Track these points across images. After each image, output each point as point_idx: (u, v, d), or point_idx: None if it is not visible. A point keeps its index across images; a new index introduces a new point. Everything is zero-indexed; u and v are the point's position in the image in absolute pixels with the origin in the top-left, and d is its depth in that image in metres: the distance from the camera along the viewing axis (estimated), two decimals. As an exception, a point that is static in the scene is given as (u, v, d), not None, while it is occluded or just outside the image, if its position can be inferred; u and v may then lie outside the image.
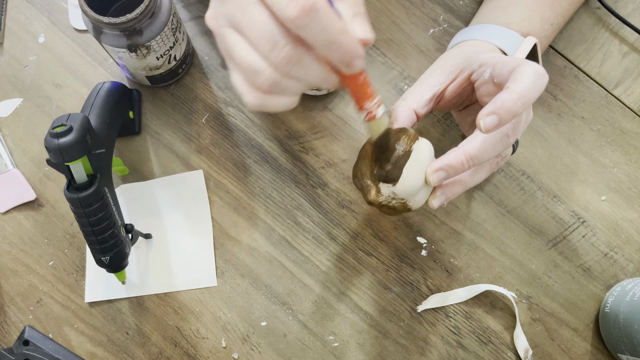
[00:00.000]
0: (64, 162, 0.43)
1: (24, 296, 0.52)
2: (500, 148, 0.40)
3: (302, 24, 0.28)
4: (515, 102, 0.36)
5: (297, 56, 0.30)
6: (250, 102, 0.32)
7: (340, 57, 0.30)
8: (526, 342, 0.50)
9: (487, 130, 0.36)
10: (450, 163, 0.39)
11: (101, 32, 0.46)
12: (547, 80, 0.38)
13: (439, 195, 0.42)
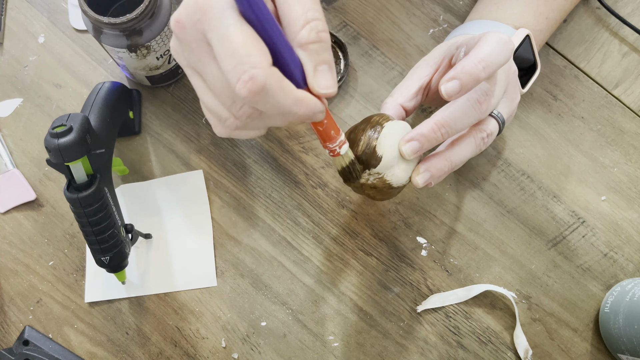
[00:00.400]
0: (64, 162, 0.43)
1: (24, 296, 0.52)
2: (474, 116, 0.39)
3: (253, 101, 0.29)
4: (476, 66, 0.37)
5: (257, 112, 0.31)
6: (219, 134, 0.33)
7: (298, 120, 0.31)
8: (526, 342, 0.50)
9: (448, 96, 0.37)
10: (422, 132, 0.39)
11: (101, 32, 0.46)
12: (512, 47, 0.38)
13: (422, 171, 0.41)
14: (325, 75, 0.31)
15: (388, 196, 0.43)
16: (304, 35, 0.30)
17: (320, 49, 0.31)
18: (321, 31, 0.31)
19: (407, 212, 0.53)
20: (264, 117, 0.31)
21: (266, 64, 0.29)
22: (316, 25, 0.31)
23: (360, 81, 0.56)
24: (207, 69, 0.31)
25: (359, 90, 0.56)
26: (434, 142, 0.39)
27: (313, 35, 0.30)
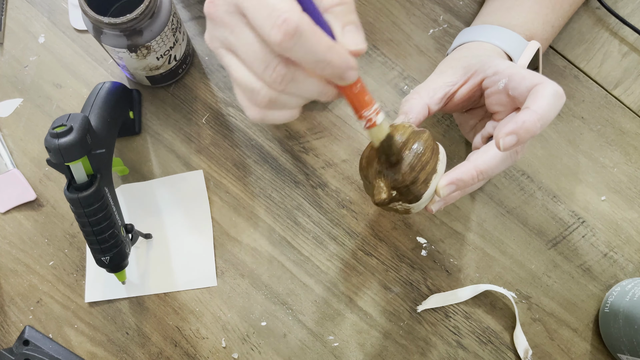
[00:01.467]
0: (64, 162, 0.43)
1: (24, 296, 0.52)
2: (509, 163, 0.41)
3: (288, 46, 0.29)
4: (535, 124, 0.37)
5: (290, 74, 0.31)
6: (252, 116, 0.33)
7: (331, 73, 0.31)
8: (526, 342, 0.50)
9: (505, 149, 0.37)
10: (462, 177, 0.39)
11: (101, 32, 0.46)
12: (564, 100, 0.39)
13: (437, 200, 0.42)
14: (353, 34, 0.32)
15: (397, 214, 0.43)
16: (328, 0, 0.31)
17: (345, 10, 0.31)
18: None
19: (407, 212, 0.53)
20: (297, 80, 0.31)
21: (298, 10, 0.29)
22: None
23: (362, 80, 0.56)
24: (240, 37, 0.31)
25: (359, 90, 0.56)
26: (469, 187, 0.40)
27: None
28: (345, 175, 0.54)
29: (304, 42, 0.29)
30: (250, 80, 0.32)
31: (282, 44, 0.29)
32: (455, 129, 0.55)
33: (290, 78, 0.31)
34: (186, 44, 0.53)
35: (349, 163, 0.54)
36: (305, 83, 0.32)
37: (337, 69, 0.30)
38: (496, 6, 0.52)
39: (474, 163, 0.40)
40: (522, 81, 0.40)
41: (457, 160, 0.54)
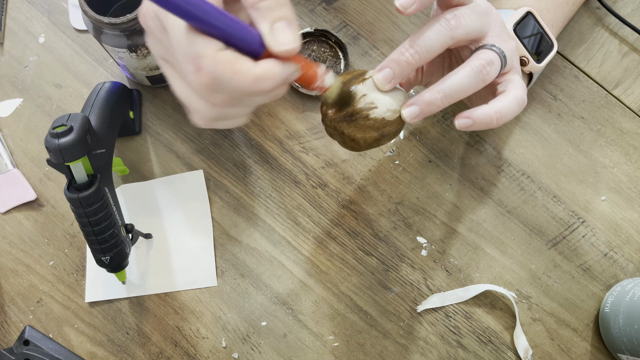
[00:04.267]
0: (64, 162, 0.43)
1: (24, 296, 0.52)
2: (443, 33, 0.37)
3: (210, 91, 0.27)
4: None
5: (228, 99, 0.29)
6: (199, 124, 0.32)
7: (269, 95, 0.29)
8: (526, 342, 0.50)
9: (459, 127, 0.38)
10: (390, 56, 0.37)
11: (101, 32, 0.46)
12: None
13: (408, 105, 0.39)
14: (283, 32, 0.29)
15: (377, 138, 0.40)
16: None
17: (274, 4, 0.29)
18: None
19: (407, 212, 0.53)
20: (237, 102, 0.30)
21: (212, 50, 0.27)
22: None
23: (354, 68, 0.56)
24: (174, 57, 0.29)
25: (359, 90, 0.56)
26: (404, 66, 0.37)
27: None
28: (345, 175, 0.54)
29: (226, 84, 0.27)
30: (192, 99, 0.30)
31: (203, 90, 0.27)
32: (455, 128, 0.55)
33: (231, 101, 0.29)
34: (186, 44, 0.53)
35: (349, 163, 0.54)
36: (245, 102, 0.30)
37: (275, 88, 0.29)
38: None
39: (437, 85, 0.38)
40: None
41: (457, 160, 0.54)
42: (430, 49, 0.37)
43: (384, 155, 0.54)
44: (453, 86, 0.37)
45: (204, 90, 0.27)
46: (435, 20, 0.37)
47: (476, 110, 0.38)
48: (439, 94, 0.37)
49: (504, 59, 0.40)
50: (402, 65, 0.37)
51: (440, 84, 0.38)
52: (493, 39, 0.40)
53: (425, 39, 0.37)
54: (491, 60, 0.38)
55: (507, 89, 0.40)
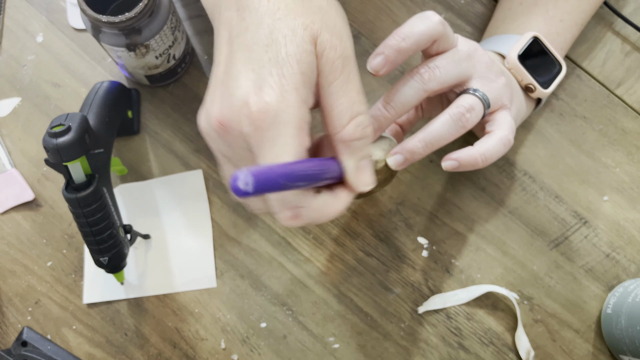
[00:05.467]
0: (62, 162, 0.42)
1: (22, 297, 0.52)
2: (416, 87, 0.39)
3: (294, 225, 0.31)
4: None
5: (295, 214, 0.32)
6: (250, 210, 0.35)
7: None
8: (528, 344, 0.50)
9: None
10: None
11: (100, 31, 0.45)
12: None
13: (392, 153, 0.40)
14: (366, 171, 0.33)
15: None
16: (349, 132, 0.31)
17: (364, 144, 0.32)
18: (366, 126, 0.32)
19: (408, 212, 0.53)
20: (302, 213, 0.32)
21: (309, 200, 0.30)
22: (362, 120, 0.31)
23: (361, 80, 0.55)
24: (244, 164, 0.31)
25: (359, 89, 0.55)
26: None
27: (359, 131, 0.31)
28: (346, 175, 0.54)
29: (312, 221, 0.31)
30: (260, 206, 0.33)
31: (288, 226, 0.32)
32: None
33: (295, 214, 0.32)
34: (185, 43, 0.53)
35: (350, 163, 0.54)
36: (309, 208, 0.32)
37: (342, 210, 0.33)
38: (493, 21, 0.53)
39: (418, 134, 0.39)
40: None
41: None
42: (405, 103, 0.39)
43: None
44: (433, 135, 0.39)
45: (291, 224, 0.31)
46: (410, 75, 0.39)
47: (462, 152, 0.40)
48: (421, 143, 0.39)
49: (487, 102, 0.41)
50: (380, 120, 0.39)
51: (421, 132, 0.39)
52: (477, 81, 0.41)
53: (399, 95, 0.38)
54: (471, 107, 0.39)
55: (493, 129, 0.41)
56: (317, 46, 0.30)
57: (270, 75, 0.29)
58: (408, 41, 0.37)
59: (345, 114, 0.31)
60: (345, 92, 0.31)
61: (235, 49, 0.31)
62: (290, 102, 0.29)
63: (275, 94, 0.29)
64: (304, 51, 0.29)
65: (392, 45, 0.37)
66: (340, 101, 0.30)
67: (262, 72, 0.29)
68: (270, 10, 0.30)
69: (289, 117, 0.29)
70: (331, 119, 0.31)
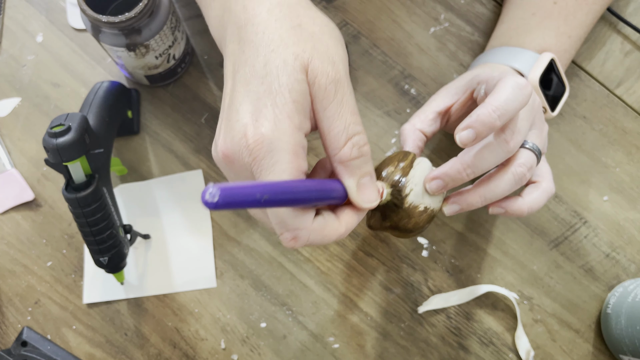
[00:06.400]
0: (62, 162, 0.42)
1: (22, 297, 0.52)
2: (501, 155, 0.38)
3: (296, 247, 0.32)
4: (491, 114, 0.35)
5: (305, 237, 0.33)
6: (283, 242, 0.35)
7: None
8: (528, 344, 0.50)
9: (463, 144, 0.36)
10: (446, 172, 0.38)
11: (100, 31, 0.45)
12: (529, 91, 0.37)
13: (451, 202, 0.41)
14: (368, 188, 0.33)
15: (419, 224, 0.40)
16: (346, 153, 0.32)
17: (362, 163, 0.33)
18: (362, 145, 0.32)
19: (408, 212, 0.53)
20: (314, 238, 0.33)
21: (308, 222, 0.31)
22: (358, 140, 0.32)
23: (361, 80, 0.56)
24: None
25: (359, 89, 0.55)
26: (458, 182, 0.39)
27: (355, 151, 0.32)
28: (346, 175, 0.54)
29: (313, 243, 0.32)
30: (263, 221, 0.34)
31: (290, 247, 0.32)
32: (456, 128, 0.54)
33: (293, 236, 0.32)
34: (185, 43, 0.53)
35: (350, 163, 0.54)
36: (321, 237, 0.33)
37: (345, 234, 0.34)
38: (504, 29, 0.51)
39: (460, 157, 0.38)
40: (492, 81, 0.40)
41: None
42: (485, 168, 0.38)
43: (385, 155, 0.54)
44: (495, 191, 0.40)
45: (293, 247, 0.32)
46: (495, 141, 0.38)
47: (511, 203, 0.41)
48: (480, 199, 0.40)
49: (539, 155, 0.41)
50: (456, 181, 0.39)
51: (482, 188, 0.40)
52: (533, 133, 0.41)
53: (482, 162, 0.38)
54: (531, 166, 0.40)
55: (538, 179, 0.43)
56: (308, 74, 0.32)
57: (265, 106, 0.31)
58: (503, 119, 0.36)
59: (341, 136, 0.32)
60: (339, 115, 0.32)
61: (237, 82, 0.33)
62: (284, 130, 0.31)
63: (269, 124, 0.31)
64: (295, 80, 0.31)
65: (487, 123, 0.36)
66: (335, 124, 0.32)
67: (258, 104, 0.31)
68: (265, 42, 0.32)
69: (283, 145, 0.31)
70: (329, 142, 0.32)
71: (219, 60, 0.56)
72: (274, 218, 0.31)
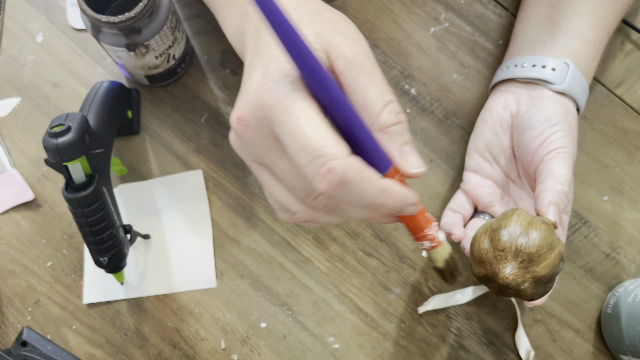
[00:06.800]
0: (62, 162, 0.42)
1: (22, 297, 0.52)
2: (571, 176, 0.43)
3: (333, 195, 0.27)
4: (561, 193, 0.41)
5: (333, 203, 0.30)
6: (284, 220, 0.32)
7: (386, 213, 0.29)
8: (528, 344, 0.50)
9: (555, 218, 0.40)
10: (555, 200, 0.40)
11: (100, 31, 0.45)
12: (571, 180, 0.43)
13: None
14: (412, 155, 0.31)
15: None
16: (384, 118, 0.30)
17: (401, 130, 0.30)
18: (399, 112, 0.31)
19: (408, 212, 0.53)
20: (341, 209, 0.30)
21: (344, 153, 0.27)
22: (394, 107, 0.30)
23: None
24: (277, 163, 0.30)
25: (359, 89, 0.55)
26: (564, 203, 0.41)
27: (393, 117, 0.30)
28: (346, 175, 0.53)
29: (352, 190, 0.27)
30: (288, 200, 0.31)
31: (327, 193, 0.27)
32: (456, 128, 0.54)
33: (332, 207, 0.30)
34: (185, 43, 0.53)
35: (350, 163, 0.54)
36: (351, 211, 0.30)
37: (392, 209, 0.29)
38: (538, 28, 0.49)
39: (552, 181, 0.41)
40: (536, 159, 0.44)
41: (459, 159, 0.54)
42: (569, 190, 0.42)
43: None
44: None
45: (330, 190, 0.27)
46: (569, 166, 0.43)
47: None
48: None
49: None
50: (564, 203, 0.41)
51: None
52: None
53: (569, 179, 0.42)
54: None
55: None
56: (330, 51, 0.30)
57: (279, 62, 0.29)
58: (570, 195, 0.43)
59: (377, 103, 0.30)
60: (372, 83, 0.30)
61: (251, 61, 0.31)
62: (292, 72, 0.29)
63: (278, 72, 0.28)
64: None
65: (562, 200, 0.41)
66: (370, 92, 0.30)
67: (270, 63, 0.29)
68: None
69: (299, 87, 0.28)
70: (364, 111, 0.30)
71: (219, 61, 0.56)
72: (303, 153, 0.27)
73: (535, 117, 0.45)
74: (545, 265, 0.36)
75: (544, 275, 0.36)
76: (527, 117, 0.45)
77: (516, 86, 0.48)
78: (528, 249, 0.36)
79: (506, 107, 0.47)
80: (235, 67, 0.56)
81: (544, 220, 0.38)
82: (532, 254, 0.36)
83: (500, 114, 0.48)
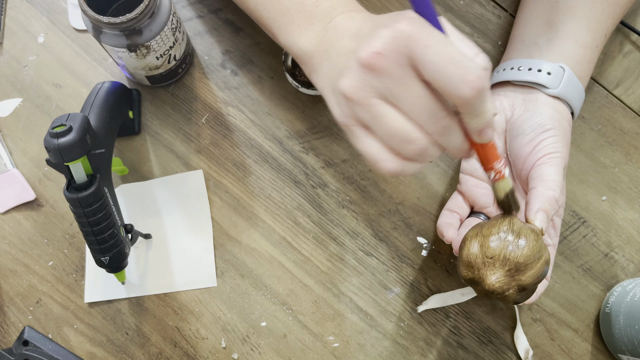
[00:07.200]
0: (64, 162, 0.42)
1: (23, 296, 0.52)
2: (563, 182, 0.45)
3: (472, 102, 0.30)
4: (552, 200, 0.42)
5: (451, 126, 0.32)
6: (390, 168, 0.34)
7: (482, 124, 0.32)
8: (527, 343, 0.50)
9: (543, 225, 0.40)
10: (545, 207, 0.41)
11: (101, 31, 0.46)
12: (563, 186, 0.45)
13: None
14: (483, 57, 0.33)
15: None
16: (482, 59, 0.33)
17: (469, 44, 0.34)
18: None
19: (408, 212, 0.53)
20: (452, 132, 0.33)
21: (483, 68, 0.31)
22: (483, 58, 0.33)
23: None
24: (408, 89, 0.32)
25: (359, 90, 0.56)
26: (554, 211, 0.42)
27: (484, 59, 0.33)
28: (345, 175, 0.54)
29: (484, 99, 0.31)
30: (409, 129, 0.33)
31: (472, 99, 0.30)
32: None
33: (449, 130, 0.32)
34: (186, 44, 0.53)
35: (349, 163, 0.54)
36: (456, 136, 0.33)
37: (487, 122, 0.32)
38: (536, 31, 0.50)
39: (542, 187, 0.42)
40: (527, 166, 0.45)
41: (457, 160, 0.54)
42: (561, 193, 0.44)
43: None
44: None
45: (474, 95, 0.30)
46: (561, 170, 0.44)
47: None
48: None
49: None
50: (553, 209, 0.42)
51: None
52: None
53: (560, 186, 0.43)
54: None
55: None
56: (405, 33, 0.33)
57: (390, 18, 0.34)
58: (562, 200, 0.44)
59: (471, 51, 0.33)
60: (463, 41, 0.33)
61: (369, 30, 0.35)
62: None
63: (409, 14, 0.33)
64: None
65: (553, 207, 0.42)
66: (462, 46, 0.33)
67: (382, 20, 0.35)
68: None
69: None
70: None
71: (219, 61, 0.56)
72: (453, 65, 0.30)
73: (528, 122, 0.45)
74: (531, 274, 0.37)
75: (529, 283, 0.37)
76: (520, 123, 0.46)
77: (512, 90, 0.48)
78: (516, 258, 0.37)
79: (501, 111, 0.48)
80: (235, 68, 0.56)
81: (533, 228, 0.39)
82: (520, 263, 0.37)
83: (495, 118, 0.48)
